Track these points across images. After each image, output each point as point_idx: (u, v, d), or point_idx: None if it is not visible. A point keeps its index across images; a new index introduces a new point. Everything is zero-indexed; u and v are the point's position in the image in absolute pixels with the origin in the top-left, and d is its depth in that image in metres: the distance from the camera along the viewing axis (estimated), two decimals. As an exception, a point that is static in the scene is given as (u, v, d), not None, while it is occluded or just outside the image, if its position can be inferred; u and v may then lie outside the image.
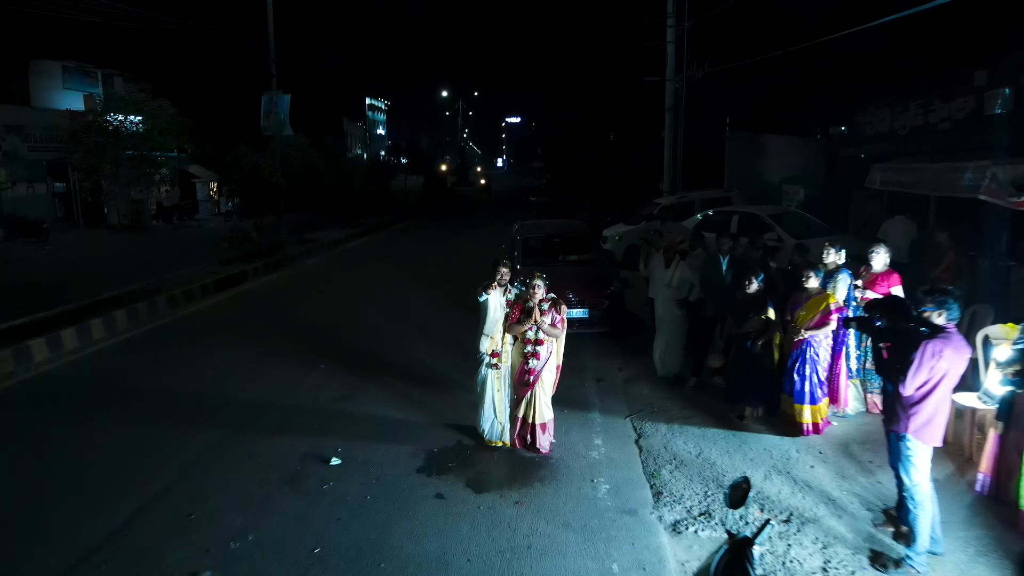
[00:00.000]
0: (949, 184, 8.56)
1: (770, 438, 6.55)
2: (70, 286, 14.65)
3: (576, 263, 10.98)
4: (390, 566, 4.71)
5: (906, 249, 11.27)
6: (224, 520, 5.34)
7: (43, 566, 4.78)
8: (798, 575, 4.52)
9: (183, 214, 33.02)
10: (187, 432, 6.99)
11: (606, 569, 4.65)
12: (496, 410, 6.56)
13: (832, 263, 6.98)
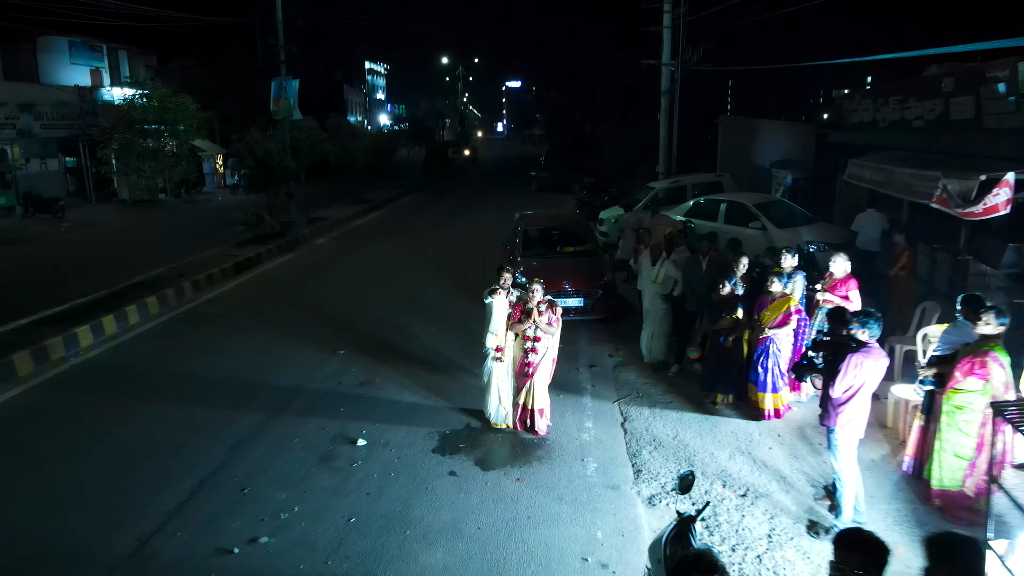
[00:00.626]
0: (911, 190, 9.41)
1: (737, 422, 7.55)
2: (94, 268, 15.65)
3: (573, 254, 11.89)
4: (414, 533, 5.73)
5: (878, 239, 12.22)
6: (272, 494, 6.36)
7: (127, 534, 5.78)
8: (748, 541, 5.53)
9: (190, 188, 33.82)
10: (229, 415, 7.98)
11: (592, 536, 5.66)
12: (500, 397, 7.55)
13: (789, 267, 7.87)
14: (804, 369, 6.07)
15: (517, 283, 7.68)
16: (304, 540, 5.65)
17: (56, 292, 12.77)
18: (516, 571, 5.21)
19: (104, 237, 20.69)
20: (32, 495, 6.41)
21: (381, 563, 5.33)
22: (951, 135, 10.65)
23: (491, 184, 36.54)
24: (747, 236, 13.81)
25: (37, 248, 19.40)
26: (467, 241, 18.93)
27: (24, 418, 8.09)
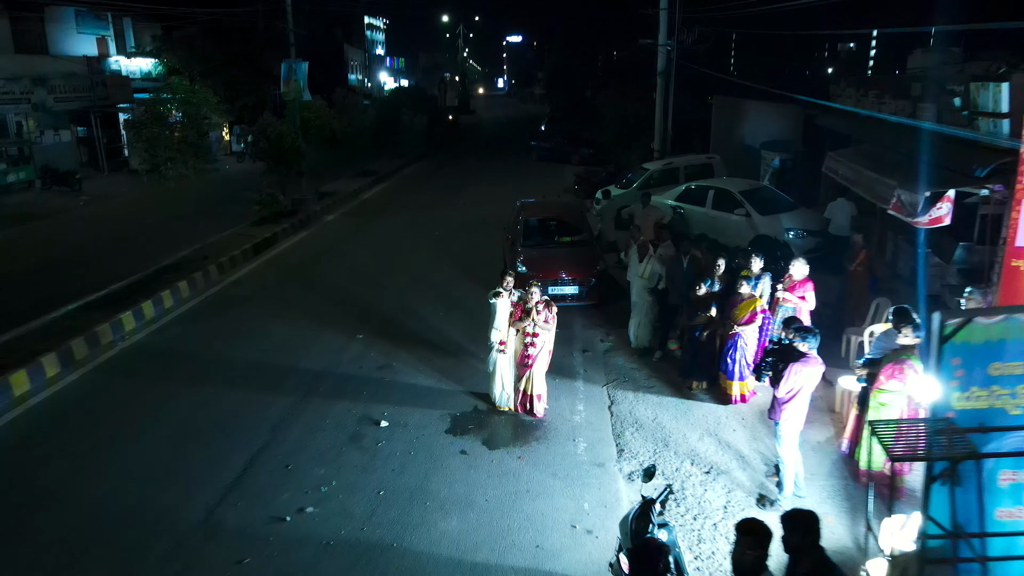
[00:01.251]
0: (873, 193, 10.42)
1: (709, 405, 8.72)
2: (121, 247, 16.75)
3: (569, 244, 12.92)
4: (433, 504, 6.93)
5: (847, 225, 13.28)
6: (312, 470, 7.55)
7: (195, 504, 6.98)
8: (708, 511, 6.73)
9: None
10: (267, 398, 9.16)
11: (579, 507, 6.86)
12: (503, 384, 8.70)
13: (757, 269, 8.93)
14: (760, 371, 7.20)
15: (517, 274, 8.75)
16: (343, 510, 6.85)
17: (93, 273, 13.93)
18: (518, 536, 6.42)
19: (123, 213, 21.63)
20: (110, 470, 7.61)
21: (407, 529, 6.54)
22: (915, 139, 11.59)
23: (491, 152, 37.21)
24: (732, 222, 14.94)
25: (61, 224, 20.43)
26: (470, 219, 19.90)
27: (89, 400, 9.26)
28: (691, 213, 15.81)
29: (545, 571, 5.98)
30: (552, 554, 6.19)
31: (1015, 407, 4.31)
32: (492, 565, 6.06)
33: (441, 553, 6.22)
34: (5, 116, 25.62)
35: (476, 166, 32.22)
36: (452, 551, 6.23)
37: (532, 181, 26.26)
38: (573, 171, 25.03)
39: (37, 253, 16.62)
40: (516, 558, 6.13)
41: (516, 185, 25.38)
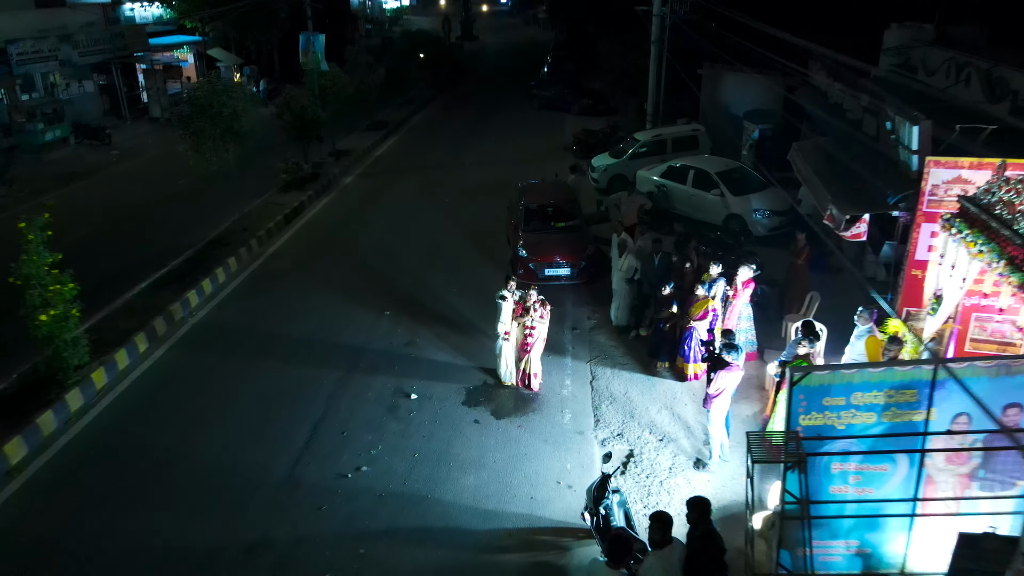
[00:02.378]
0: (817, 199, 12.40)
1: (669, 383, 11.06)
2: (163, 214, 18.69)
3: (563, 229, 14.94)
4: (455, 464, 9.35)
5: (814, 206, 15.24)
6: (362, 436, 9.96)
7: (279, 463, 9.40)
8: (657, 471, 9.15)
9: (214, 102, 36.05)
10: (318, 372, 11.50)
11: (563, 467, 9.27)
12: (507, 364, 11.01)
13: (715, 273, 11.05)
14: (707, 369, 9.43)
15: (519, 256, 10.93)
16: (389, 469, 9.29)
17: (146, 241, 16.35)
18: (517, 490, 8.86)
19: (155, 172, 23.30)
20: (208, 435, 10.03)
21: (437, 484, 8.98)
22: (860, 146, 13.47)
23: (494, 96, 38.42)
24: (709, 200, 16.98)
25: (101, 184, 22.42)
26: (477, 184, 21.77)
27: (177, 375, 11.63)
28: (674, 190, 17.77)
29: (536, 516, 8.44)
30: (542, 503, 8.64)
31: (839, 424, 6.60)
32: (499, 511, 8.52)
33: (462, 503, 8.67)
34: (34, 74, 27.09)
35: (480, 115, 33.59)
36: (470, 501, 8.69)
37: (534, 139, 27.94)
38: (572, 131, 26.54)
39: (91, 217, 18.65)
40: (516, 506, 8.58)
41: (519, 144, 27.16)
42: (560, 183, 17.04)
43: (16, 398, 10.38)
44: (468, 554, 7.89)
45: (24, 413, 9.98)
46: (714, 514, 7.48)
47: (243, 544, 8.02)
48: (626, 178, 19.90)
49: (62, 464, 9.45)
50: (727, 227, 16.08)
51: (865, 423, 6.61)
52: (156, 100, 32.45)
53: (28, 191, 21.64)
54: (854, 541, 7.04)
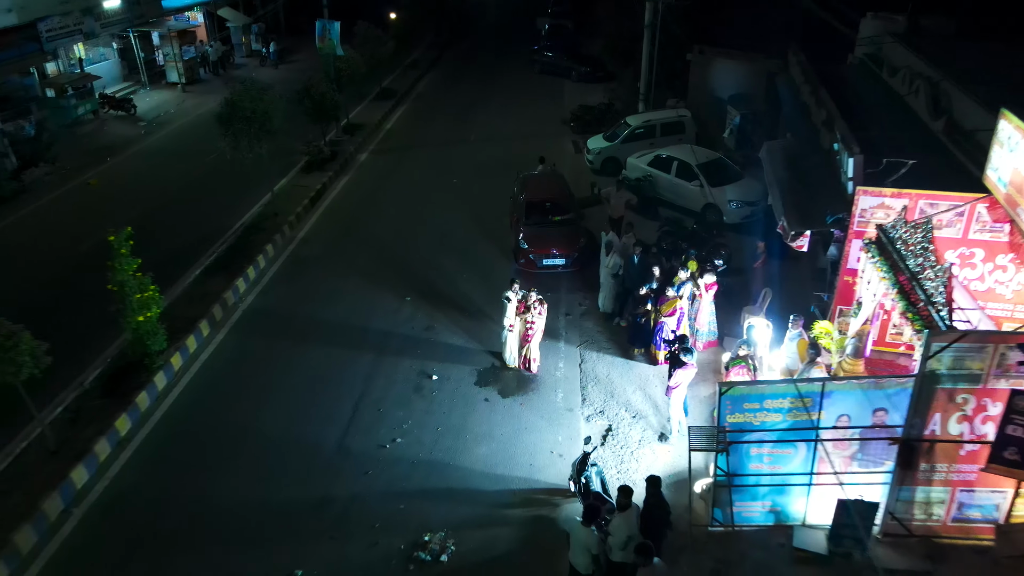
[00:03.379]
0: (774, 207, 14.51)
1: (643, 366, 13.45)
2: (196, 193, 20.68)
3: (559, 223, 17.01)
4: (471, 437, 11.82)
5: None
6: (394, 412, 12.41)
7: (329, 435, 11.86)
8: (629, 444, 11.62)
9: (225, 64, 37.49)
10: (354, 355, 13.88)
11: (556, 439, 11.74)
12: (511, 351, 13.39)
13: (685, 276, 13.29)
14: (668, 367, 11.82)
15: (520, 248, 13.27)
16: (418, 441, 11.77)
17: (191, 224, 18.45)
18: (520, 459, 11.34)
19: (183, 147, 25.21)
20: (271, 410, 12.46)
21: (457, 454, 11.47)
22: (816, 155, 15.47)
23: (497, 56, 39.68)
24: (690, 189, 19.05)
25: (136, 162, 24.35)
26: (482, 162, 23.75)
27: (236, 356, 14.02)
28: (659, 178, 19.81)
29: (534, 480, 10.95)
30: (539, 469, 11.14)
31: (756, 421, 9.00)
32: (505, 476, 11.03)
33: (476, 469, 11.17)
34: (61, 49, 28.59)
35: (483, 81, 35.06)
36: (483, 468, 11.19)
37: (535, 108, 29.70)
38: (570, 108, 28.19)
39: (132, 199, 20.74)
40: (519, 472, 11.09)
41: (521, 115, 28.92)
42: (557, 175, 19.04)
43: (113, 380, 12.79)
44: (483, 509, 10.41)
45: (124, 393, 12.42)
46: (669, 479, 10.07)
47: (311, 501, 10.55)
48: (618, 160, 21.89)
49: (159, 436, 11.93)
50: (702, 220, 18.17)
51: (774, 420, 9.03)
52: (174, 65, 33.93)
53: (70, 168, 23.62)
54: (768, 502, 9.55)
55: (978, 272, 11.80)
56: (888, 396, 8.80)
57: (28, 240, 18.83)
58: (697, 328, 13.47)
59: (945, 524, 9.27)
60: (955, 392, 8.54)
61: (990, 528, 9.15)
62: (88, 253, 17.61)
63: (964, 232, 11.58)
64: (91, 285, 13.13)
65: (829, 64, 21.37)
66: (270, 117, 17.73)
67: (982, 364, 8.36)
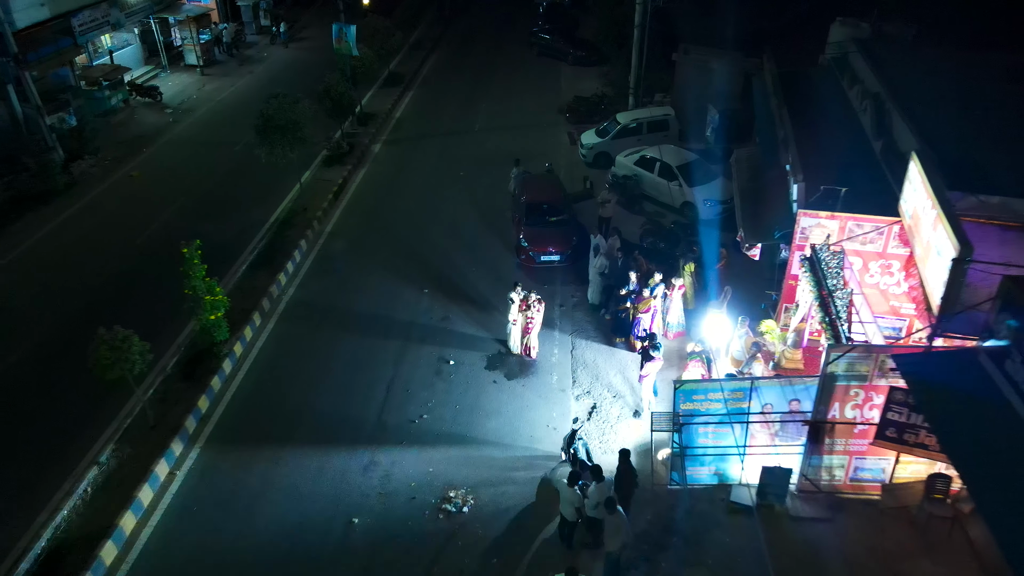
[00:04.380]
0: (736, 217, 17.15)
1: (623, 353, 16.30)
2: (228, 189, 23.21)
3: (555, 223, 19.62)
4: (482, 413, 14.74)
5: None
6: (420, 393, 15.31)
7: (370, 412, 14.76)
8: (610, 419, 14.55)
9: (239, 44, 39.36)
10: (383, 343, 16.70)
11: (551, 415, 14.64)
12: (514, 340, 16.23)
13: (657, 280, 16.02)
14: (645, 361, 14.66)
15: (521, 246, 15.99)
16: (440, 416, 14.69)
17: (228, 218, 21.01)
18: (522, 432, 14.27)
19: (211, 138, 27.57)
20: (320, 391, 15.34)
21: (472, 427, 14.40)
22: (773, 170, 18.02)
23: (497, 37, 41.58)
24: (670, 188, 21.61)
25: (167, 152, 26.68)
26: (486, 153, 26.18)
27: (286, 344, 16.82)
28: (644, 176, 22.37)
29: (534, 448, 13.89)
30: (537, 440, 14.08)
31: (702, 408, 11.91)
32: (511, 445, 13.97)
33: (488, 439, 14.12)
34: (91, 41, 30.62)
35: (484, 64, 37.07)
36: (493, 439, 14.13)
37: (533, 93, 31.98)
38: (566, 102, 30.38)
39: (172, 190, 23.21)
40: (521, 442, 14.03)
41: (520, 99, 31.26)
42: (554, 178, 21.59)
43: (189, 365, 15.63)
44: (494, 471, 13.37)
45: (199, 377, 15.28)
46: (640, 448, 13.01)
47: (361, 464, 13.51)
48: (609, 155, 24.39)
49: (232, 413, 14.83)
50: (679, 221, 20.80)
51: (716, 408, 11.94)
52: (192, 48, 35.91)
53: (111, 159, 26.02)
54: (712, 467, 12.53)
55: (895, 279, 14.56)
56: (800, 390, 11.70)
57: (87, 233, 21.37)
58: (668, 321, 16.30)
59: (844, 483, 12.27)
60: (849, 387, 11.42)
61: (877, 486, 12.16)
62: (143, 246, 20.42)
63: (884, 247, 14.28)
64: (151, 277, 16.07)
65: (801, 66, 23.79)
66: (301, 127, 20.14)
67: (868, 368, 11.21)
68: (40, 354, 16.05)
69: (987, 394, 9.44)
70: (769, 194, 17.15)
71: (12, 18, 24.78)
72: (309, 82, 26.27)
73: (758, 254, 15.95)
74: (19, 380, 15.30)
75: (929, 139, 14.20)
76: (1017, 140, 15.14)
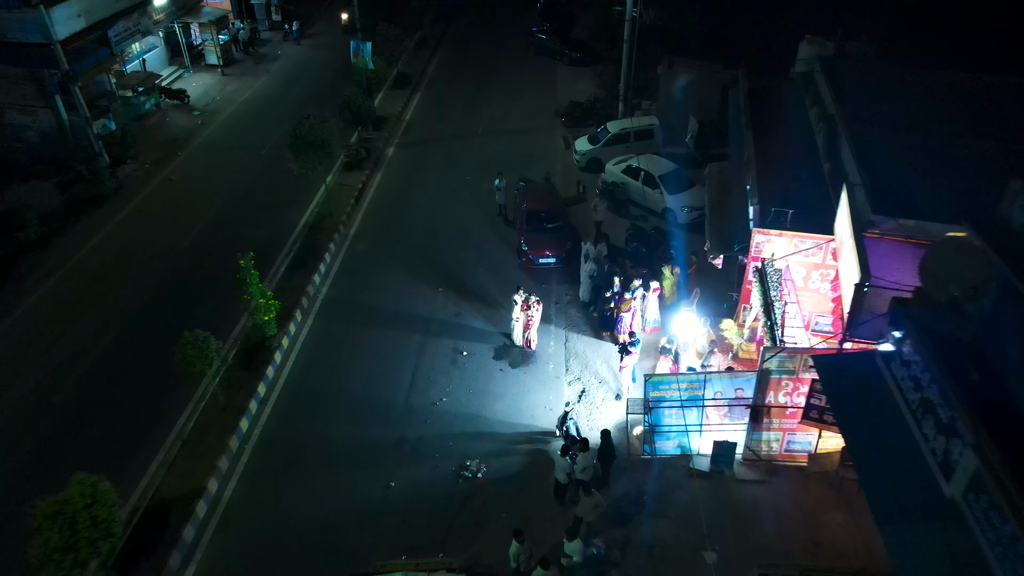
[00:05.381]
0: (705, 228, 20.16)
1: (609, 345, 19.42)
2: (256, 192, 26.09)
3: (551, 230, 22.63)
4: (491, 397, 17.90)
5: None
6: (440, 379, 18.48)
7: (398, 395, 17.92)
8: (596, 401, 17.72)
9: (254, 42, 41.79)
10: (407, 336, 19.82)
11: (548, 398, 17.80)
12: (517, 333, 19.36)
13: (636, 285, 19.08)
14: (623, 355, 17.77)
15: (522, 250, 19.15)
16: (456, 400, 17.87)
17: (261, 223, 23.95)
18: (524, 411, 17.44)
19: (239, 140, 30.38)
20: (356, 379, 18.49)
21: (483, 408, 17.59)
22: (740, 187, 20.96)
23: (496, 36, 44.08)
24: (653, 195, 24.59)
25: (200, 155, 29.41)
26: (489, 157, 28.99)
27: (323, 338, 19.92)
28: (630, 184, 25.31)
29: (534, 426, 17.08)
30: (537, 419, 17.28)
31: (667, 395, 15.08)
32: (515, 423, 17.17)
33: (496, 419, 17.32)
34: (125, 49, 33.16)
35: (485, 62, 39.66)
36: (501, 418, 17.33)
37: (532, 96, 34.69)
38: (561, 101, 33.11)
39: (210, 193, 26.11)
40: (524, 420, 17.23)
41: (519, 102, 34.01)
42: (550, 187, 24.55)
43: (247, 357, 18.74)
44: (502, 444, 16.57)
45: (256, 367, 18.40)
46: (620, 425, 16.19)
47: (392, 440, 16.71)
48: (600, 161, 27.27)
49: (286, 398, 17.97)
50: (659, 227, 23.80)
51: (678, 395, 15.13)
52: (213, 49, 38.43)
53: (150, 162, 28.84)
54: (675, 441, 15.76)
55: (831, 286, 17.64)
56: (743, 381, 14.88)
57: (140, 234, 24.32)
58: (646, 318, 19.43)
59: (779, 453, 15.51)
60: (781, 379, 14.58)
61: (804, 456, 15.40)
62: (191, 247, 23.40)
63: (823, 259, 17.32)
64: (203, 275, 19.28)
65: (775, 78, 26.58)
66: (329, 143, 23.02)
67: (794, 364, 14.37)
68: (121, 343, 19.15)
69: (877, 386, 12.55)
70: (733, 209, 20.12)
71: (56, 31, 27.29)
72: (324, 81, 29.02)
73: (721, 263, 19.00)
74: (108, 367, 18.43)
75: (869, 164, 16.90)
76: (948, 161, 17.56)
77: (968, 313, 11.70)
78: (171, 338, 16.24)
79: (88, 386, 17.85)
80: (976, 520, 9.20)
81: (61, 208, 25.37)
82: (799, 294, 16.89)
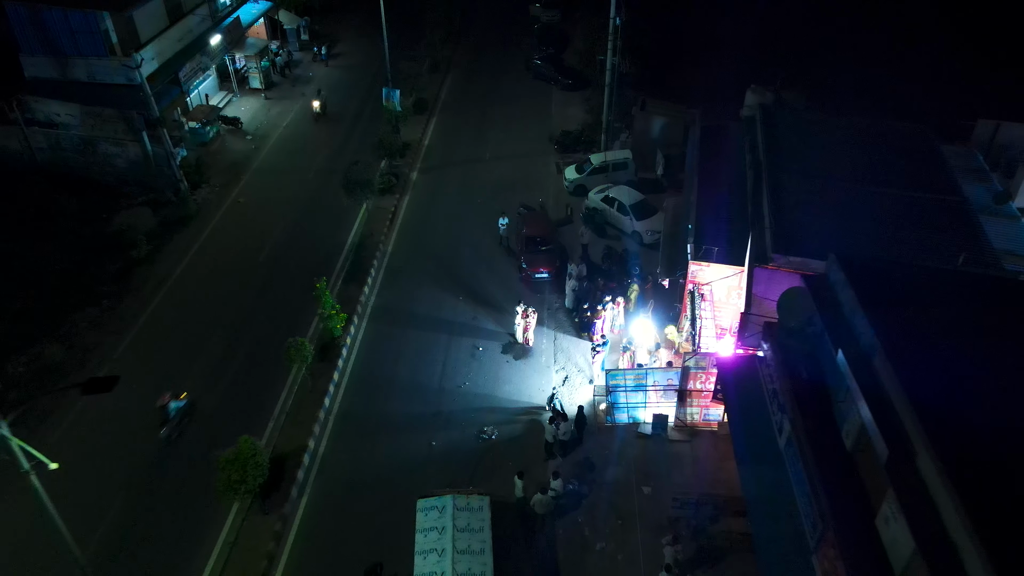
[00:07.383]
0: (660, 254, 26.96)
1: (585, 343, 26.35)
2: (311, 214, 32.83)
3: (545, 251, 29.45)
4: (501, 381, 24.88)
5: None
6: (462, 369, 25.51)
7: (434, 381, 24.90)
8: (574, 385, 24.78)
9: (289, 65, 48.00)
10: (438, 336, 26.79)
11: (540, 384, 24.84)
12: (519, 334, 26.36)
13: (607, 300, 26.00)
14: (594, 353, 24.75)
15: (522, 267, 26.14)
16: (476, 383, 24.91)
17: (314, 244, 30.79)
18: (525, 393, 24.43)
19: (289, 163, 36.96)
20: (403, 370, 25.51)
21: (495, 389, 24.62)
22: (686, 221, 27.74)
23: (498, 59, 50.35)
24: (624, 220, 31.43)
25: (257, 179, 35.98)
26: (496, 181, 35.68)
27: (376, 337, 26.88)
28: (607, 211, 32.08)
29: (531, 403, 24.07)
30: (533, 398, 24.28)
31: (623, 383, 22.12)
32: (519, 401, 24.20)
33: (504, 397, 24.37)
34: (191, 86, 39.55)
35: (489, 87, 46.04)
36: (507, 397, 24.40)
37: (530, 120, 41.26)
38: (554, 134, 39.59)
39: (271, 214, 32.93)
40: (524, 399, 24.25)
41: (520, 125, 40.57)
42: (544, 216, 31.37)
43: (322, 351, 25.73)
44: (508, 416, 23.61)
45: (331, 359, 25.41)
46: (589, 403, 23.38)
47: (431, 413, 23.77)
48: (585, 187, 33.98)
49: (352, 383, 24.98)
50: (626, 248, 30.61)
51: (629, 383, 22.21)
52: (256, 75, 44.74)
53: (219, 186, 35.50)
54: (627, 414, 22.88)
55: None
56: (673, 374, 21.95)
57: (221, 251, 31.11)
58: (615, 322, 26.43)
59: (698, 422, 22.64)
60: (698, 373, 21.63)
61: (715, 424, 22.54)
62: (265, 263, 30.27)
63: (739, 284, 24.24)
64: (278, 287, 26.37)
65: (728, 118, 33.03)
66: (372, 183, 29.73)
67: (705, 363, 21.40)
68: (226, 345, 26.14)
69: (752, 379, 19.62)
70: (680, 241, 26.96)
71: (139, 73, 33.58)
72: (356, 101, 35.24)
73: (668, 284, 25.92)
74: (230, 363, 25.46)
75: (780, 209, 23.33)
76: (845, 208, 23.70)
77: (808, 333, 18.68)
78: (266, 339, 23.38)
79: (220, 375, 24.89)
80: (790, 463, 16.33)
81: (156, 228, 32.09)
82: (722, 309, 23.84)
